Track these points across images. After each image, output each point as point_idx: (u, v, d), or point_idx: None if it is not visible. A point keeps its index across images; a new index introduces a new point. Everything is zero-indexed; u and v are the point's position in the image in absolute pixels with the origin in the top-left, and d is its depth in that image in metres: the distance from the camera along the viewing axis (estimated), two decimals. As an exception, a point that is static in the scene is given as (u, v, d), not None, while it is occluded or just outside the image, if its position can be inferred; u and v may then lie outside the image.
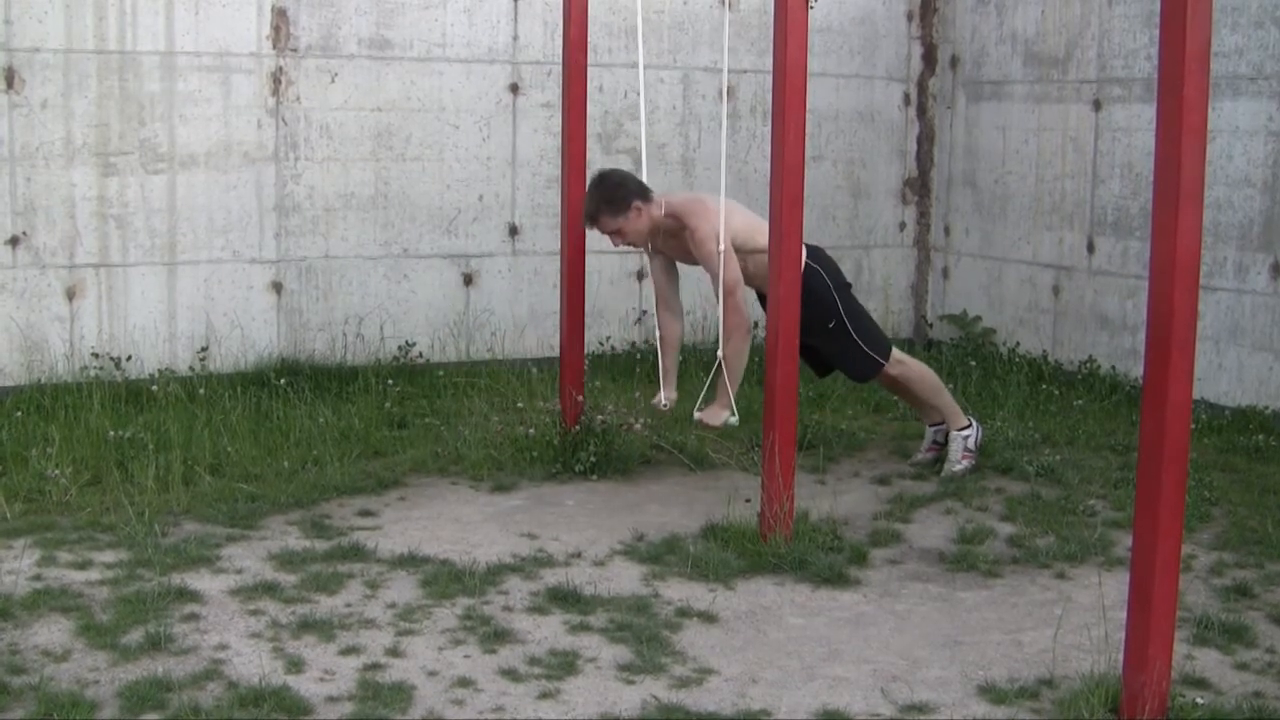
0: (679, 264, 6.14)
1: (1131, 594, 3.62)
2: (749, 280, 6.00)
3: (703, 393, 5.78)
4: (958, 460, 6.08)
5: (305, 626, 4.23)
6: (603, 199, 5.79)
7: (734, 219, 5.76)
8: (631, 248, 6.15)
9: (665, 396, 5.99)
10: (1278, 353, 6.89)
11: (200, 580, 4.61)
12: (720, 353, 5.58)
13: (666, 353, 6.07)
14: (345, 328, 7.59)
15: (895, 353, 6.11)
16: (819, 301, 5.85)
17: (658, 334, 6.10)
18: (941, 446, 6.20)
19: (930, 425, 6.27)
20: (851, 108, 8.76)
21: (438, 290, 7.78)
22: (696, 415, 5.70)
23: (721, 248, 5.56)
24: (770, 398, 5.00)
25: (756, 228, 5.84)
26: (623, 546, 5.11)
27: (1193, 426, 6.22)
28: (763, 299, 6.24)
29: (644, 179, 5.96)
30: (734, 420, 5.55)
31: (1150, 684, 3.57)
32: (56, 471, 5.51)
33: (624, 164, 8.09)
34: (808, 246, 5.98)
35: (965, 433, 6.12)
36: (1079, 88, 7.95)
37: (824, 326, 5.92)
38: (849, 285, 6.15)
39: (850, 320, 5.96)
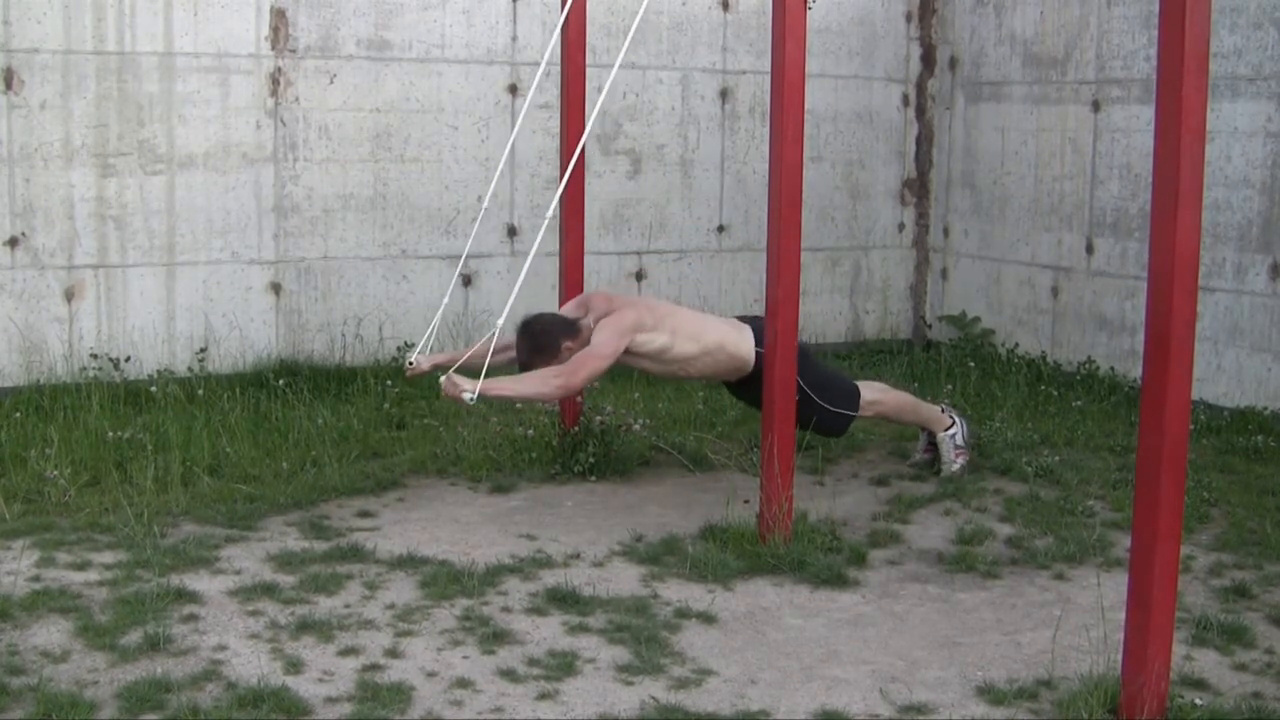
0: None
1: (1130, 595, 3.62)
2: (705, 378, 5.98)
3: (473, 364, 5.36)
4: (952, 460, 6.09)
5: (304, 627, 4.23)
6: (533, 350, 5.59)
7: (662, 330, 5.62)
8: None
9: (419, 357, 5.74)
10: (1276, 354, 6.89)
11: (199, 581, 4.61)
12: (490, 359, 5.30)
13: (475, 350, 5.69)
14: (344, 328, 7.59)
15: (865, 393, 5.99)
16: None
17: (470, 343, 5.89)
18: (935, 447, 6.21)
19: (923, 430, 6.27)
20: (850, 108, 8.76)
21: (436, 291, 7.77)
22: (443, 378, 5.24)
23: (589, 320, 5.47)
24: (769, 399, 5.00)
25: (693, 332, 5.69)
26: (621, 547, 5.11)
27: (1191, 427, 6.21)
28: (729, 388, 6.17)
29: (643, 176, 5.93)
30: (470, 399, 5.11)
31: (1149, 685, 3.57)
32: (55, 472, 5.51)
33: (622, 165, 8.11)
34: (754, 325, 5.80)
35: (951, 432, 6.12)
36: (1078, 89, 7.95)
37: None
38: (806, 350, 5.77)
39: (814, 390, 5.79)
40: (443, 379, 5.21)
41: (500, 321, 5.24)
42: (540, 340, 5.59)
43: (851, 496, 5.81)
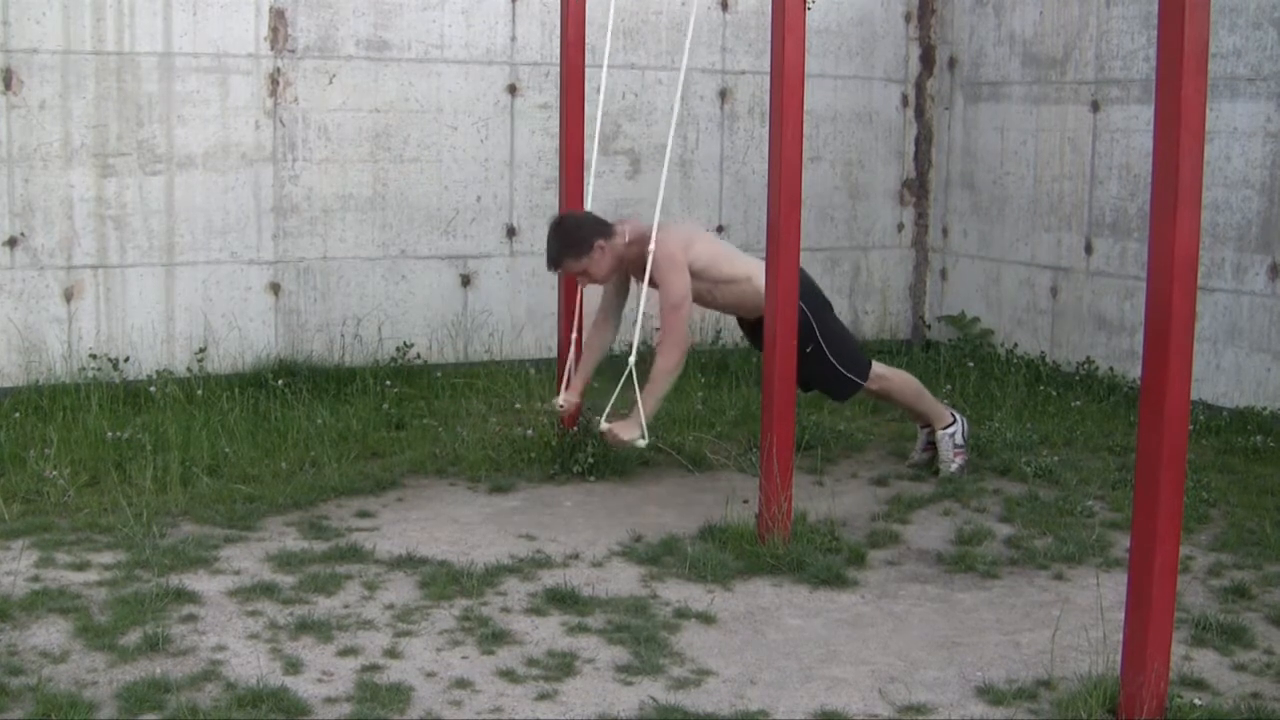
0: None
1: (1130, 595, 3.62)
2: (724, 308, 5.99)
3: (611, 401, 5.50)
4: (950, 459, 6.09)
5: (303, 627, 4.23)
6: (563, 244, 5.68)
7: (696, 244, 5.71)
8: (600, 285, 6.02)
9: (565, 397, 5.91)
10: (1276, 354, 6.89)
11: (198, 581, 4.61)
12: (631, 360, 5.35)
13: (586, 356, 6.01)
14: (343, 329, 7.59)
15: (875, 368, 6.04)
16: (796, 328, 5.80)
17: (586, 336, 5.99)
18: (935, 447, 6.21)
19: (921, 428, 6.27)
20: (849, 109, 8.76)
21: (435, 291, 7.78)
22: (603, 427, 5.46)
23: (651, 247, 5.44)
24: (768, 398, 5.00)
25: (725, 256, 5.82)
26: (621, 547, 5.11)
27: (1191, 427, 6.22)
28: (743, 325, 6.22)
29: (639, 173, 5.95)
30: (643, 443, 5.34)
31: (1148, 685, 3.57)
32: (54, 472, 5.51)
33: (621, 165, 8.11)
34: None
35: (950, 430, 6.12)
36: (1077, 89, 7.95)
37: (800, 351, 5.86)
38: (828, 305, 6.05)
39: (827, 344, 5.87)
40: (604, 435, 5.44)
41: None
42: (573, 235, 5.68)
43: (851, 496, 5.81)
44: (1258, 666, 4.11)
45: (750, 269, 5.84)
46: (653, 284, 5.62)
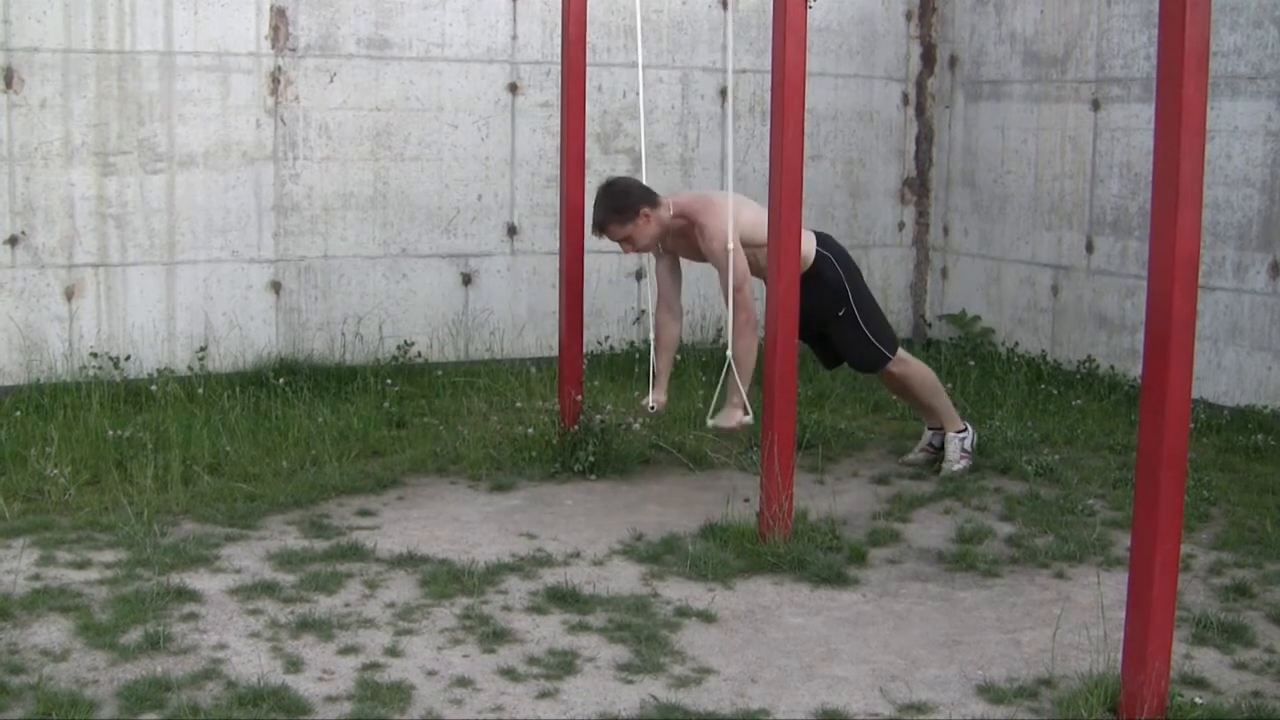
0: (685, 262, 6.12)
1: (1130, 593, 3.62)
2: (759, 273, 5.99)
3: (715, 396, 5.68)
4: (956, 460, 6.09)
5: (304, 626, 4.23)
6: (611, 208, 5.73)
7: (743, 214, 5.71)
8: (640, 254, 6.12)
9: (654, 398, 5.97)
10: (1276, 352, 6.89)
11: (199, 580, 4.61)
12: (730, 352, 5.53)
13: (661, 354, 6.07)
14: (344, 327, 7.59)
15: (901, 351, 6.12)
16: (830, 289, 5.90)
17: (654, 334, 6.07)
18: (936, 450, 6.21)
19: (929, 428, 6.27)
20: (850, 107, 8.76)
21: (436, 290, 7.78)
22: (710, 422, 5.63)
23: (731, 245, 5.52)
24: (769, 397, 5.00)
25: (765, 222, 5.83)
26: (621, 546, 5.11)
27: (1191, 426, 6.21)
28: None
29: (645, 179, 5.96)
30: (749, 419, 5.53)
31: (1149, 683, 3.57)
32: (55, 471, 5.51)
33: (622, 164, 8.10)
34: (817, 234, 6.04)
35: (962, 435, 6.13)
36: (1078, 87, 7.95)
37: (834, 314, 5.95)
38: (859, 273, 6.15)
39: (860, 309, 5.98)
40: (712, 422, 5.59)
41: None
42: (622, 200, 5.74)
43: (851, 495, 5.81)
44: (1258, 665, 4.11)
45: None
46: (703, 259, 5.83)
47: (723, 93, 8.33)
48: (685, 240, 5.91)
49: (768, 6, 6.67)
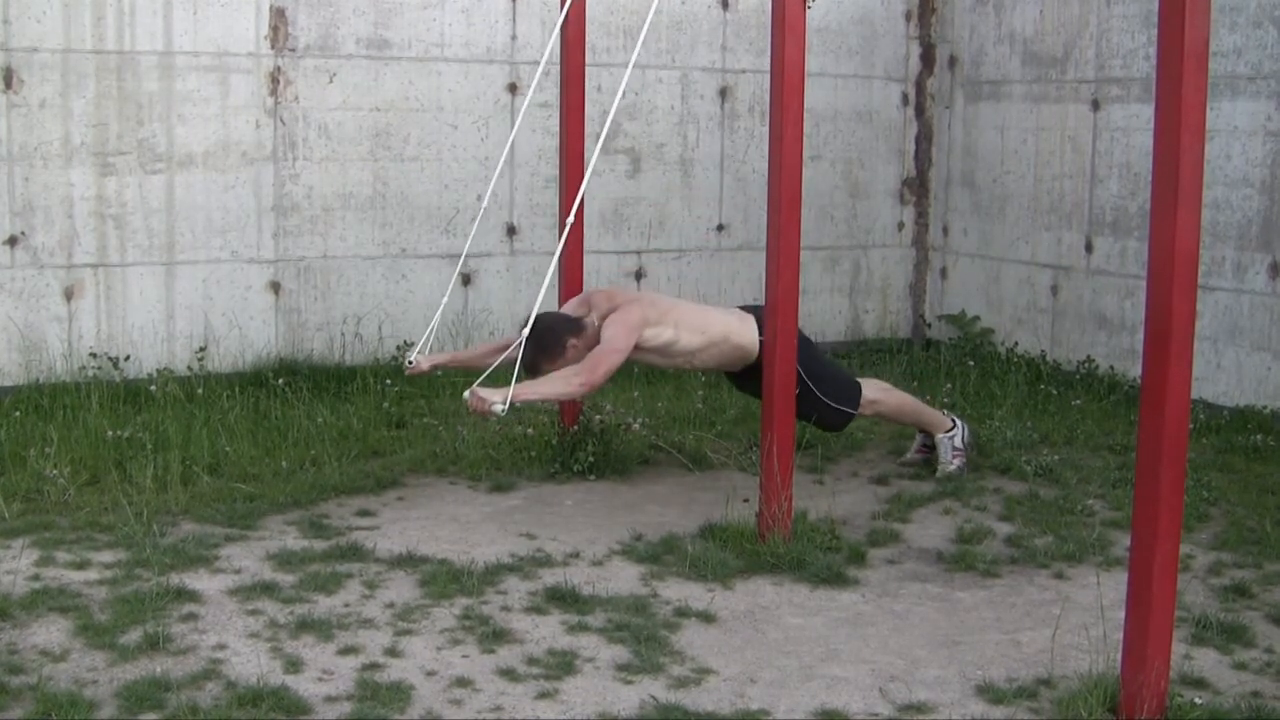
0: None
1: (1130, 594, 3.62)
2: (710, 370, 6.02)
3: (514, 376, 5.26)
4: (949, 460, 6.08)
5: (303, 626, 4.23)
6: (538, 350, 5.50)
7: (665, 327, 5.60)
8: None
9: (418, 356, 5.83)
10: (1276, 352, 6.89)
11: (198, 580, 4.61)
12: (543, 369, 5.33)
13: (468, 352, 6.02)
14: (343, 327, 7.59)
15: (867, 392, 5.97)
16: None
17: (470, 344, 5.98)
18: (930, 449, 6.21)
19: (920, 431, 6.26)
20: (850, 107, 8.76)
21: (436, 290, 7.77)
22: (466, 395, 5.18)
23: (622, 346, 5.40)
24: (769, 398, 5.00)
25: (697, 325, 5.69)
26: (621, 546, 5.10)
27: (1191, 426, 6.21)
28: (731, 378, 6.15)
29: (644, 177, 5.93)
30: (501, 410, 5.09)
31: (1148, 684, 3.57)
32: (55, 471, 5.51)
33: (621, 163, 8.11)
34: (755, 313, 5.75)
35: (950, 434, 6.12)
36: (1077, 87, 7.95)
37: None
38: (809, 342, 5.91)
39: (813, 380, 5.76)
40: (467, 395, 5.15)
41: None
42: (545, 339, 5.50)
43: (851, 495, 5.81)
44: (1258, 665, 4.11)
45: (727, 327, 5.72)
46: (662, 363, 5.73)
47: (722, 92, 8.33)
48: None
49: (767, 6, 6.66)
